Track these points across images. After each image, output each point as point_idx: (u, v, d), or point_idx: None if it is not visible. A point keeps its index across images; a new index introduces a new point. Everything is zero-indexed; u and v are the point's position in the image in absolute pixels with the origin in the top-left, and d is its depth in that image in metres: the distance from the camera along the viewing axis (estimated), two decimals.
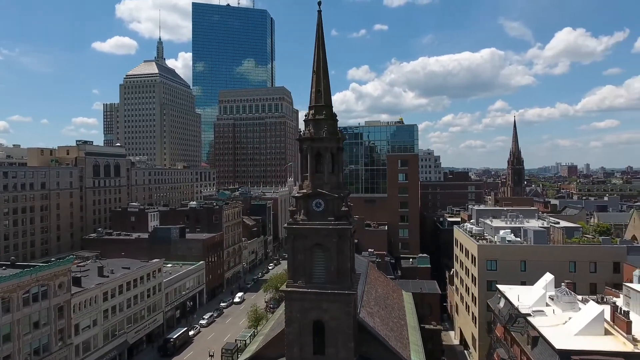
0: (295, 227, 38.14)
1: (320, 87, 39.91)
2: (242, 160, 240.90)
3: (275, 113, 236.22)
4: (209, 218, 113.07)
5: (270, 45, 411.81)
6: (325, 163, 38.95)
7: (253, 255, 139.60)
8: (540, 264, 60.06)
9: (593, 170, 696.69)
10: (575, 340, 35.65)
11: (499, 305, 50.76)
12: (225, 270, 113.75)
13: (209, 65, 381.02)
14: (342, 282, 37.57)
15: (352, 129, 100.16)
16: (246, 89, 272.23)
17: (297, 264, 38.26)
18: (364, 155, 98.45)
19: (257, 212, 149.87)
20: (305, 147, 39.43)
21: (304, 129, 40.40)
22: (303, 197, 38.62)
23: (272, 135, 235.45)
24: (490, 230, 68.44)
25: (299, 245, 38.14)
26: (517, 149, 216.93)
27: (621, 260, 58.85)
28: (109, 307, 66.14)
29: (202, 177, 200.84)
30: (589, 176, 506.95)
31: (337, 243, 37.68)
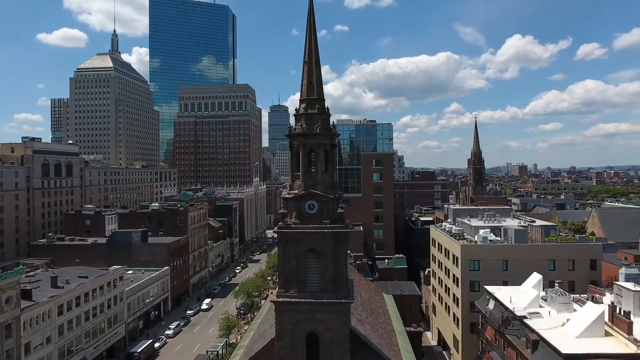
0: (286, 231, 34.79)
1: (313, 78, 36.82)
2: (204, 159, 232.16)
3: (239, 111, 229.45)
4: (173, 220, 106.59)
5: (232, 43, 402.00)
6: (318, 161, 35.93)
7: (219, 258, 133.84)
8: (521, 263, 60.09)
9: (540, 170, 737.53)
10: (578, 344, 34.75)
11: (488, 307, 49.77)
12: (191, 275, 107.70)
13: (166, 62, 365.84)
14: (339, 290, 34.65)
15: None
16: (208, 86, 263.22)
17: (289, 272, 34.94)
18: (338, 154, 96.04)
19: (223, 214, 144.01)
20: (297, 143, 36.20)
21: (295, 124, 37.14)
22: (295, 198, 35.35)
23: (236, 134, 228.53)
24: (470, 229, 68.01)
25: (291, 251, 34.83)
26: (478, 149, 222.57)
27: (597, 257, 59.99)
28: (65, 322, 59.56)
29: (162, 177, 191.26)
30: (539, 175, 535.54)
31: (333, 248, 34.74)
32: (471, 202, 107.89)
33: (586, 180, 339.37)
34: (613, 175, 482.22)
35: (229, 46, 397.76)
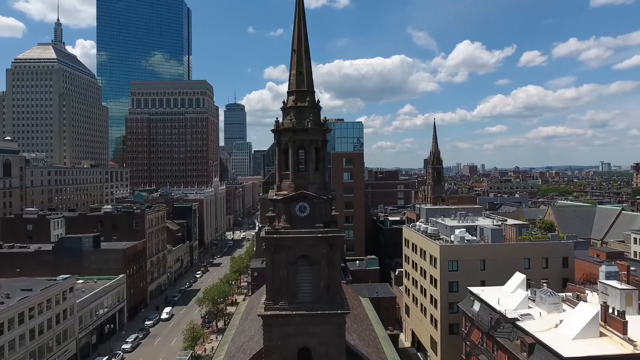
0: (275, 236, 31.34)
1: (302, 68, 33.58)
2: (158, 158, 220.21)
3: (197, 108, 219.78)
4: (128, 224, 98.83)
5: (187, 38, 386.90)
6: (309, 159, 32.79)
7: (178, 263, 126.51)
8: (498, 263, 60.11)
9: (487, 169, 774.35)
10: (576, 346, 34.01)
11: (472, 308, 48.78)
12: (148, 282, 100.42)
13: (115, 55, 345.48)
14: (333, 300, 31.71)
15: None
16: (163, 81, 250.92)
17: (278, 282, 31.52)
18: None
19: (181, 215, 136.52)
20: (285, 139, 32.84)
21: (282, 119, 33.74)
22: (284, 200, 31.97)
23: (193, 132, 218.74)
24: (446, 229, 67.40)
25: (281, 259, 31.45)
26: (437, 149, 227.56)
27: (569, 255, 61.16)
28: (6, 343, 52.28)
29: (113, 177, 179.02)
30: (488, 175, 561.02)
31: (328, 254, 31.74)
32: (442, 202, 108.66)
33: (532, 179, 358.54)
34: (554, 174, 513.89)
35: (184, 41, 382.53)
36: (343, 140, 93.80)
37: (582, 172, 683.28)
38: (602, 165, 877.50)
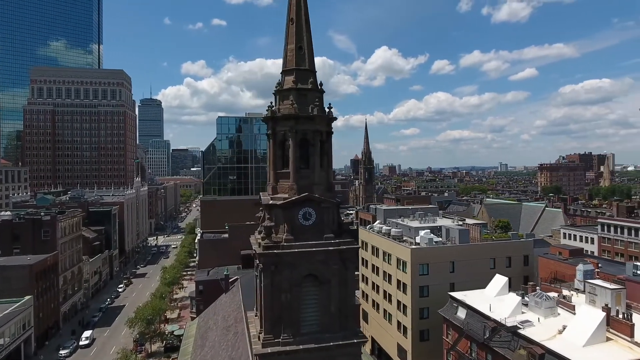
0: (277, 252, 24.70)
1: (303, 42, 27.29)
2: (66, 156, 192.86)
3: (112, 101, 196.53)
4: (34, 233, 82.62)
5: (97, 25, 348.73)
6: (314, 154, 26.62)
7: (96, 276, 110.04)
8: (465, 264, 58.79)
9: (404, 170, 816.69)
10: (589, 354, 32.11)
11: (457, 315, 45.97)
12: (61, 302, 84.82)
13: (6, 41, 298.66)
14: (346, 327, 25.97)
15: (231, 120, 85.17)
16: (73, 68, 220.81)
17: (278, 309, 24.90)
18: (255, 151, 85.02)
19: (99, 221, 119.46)
20: (284, 130, 26.34)
21: (278, 104, 27.10)
22: (285, 205, 25.47)
23: (108, 126, 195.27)
24: (409, 231, 64.74)
25: (283, 280, 24.89)
26: (368, 149, 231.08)
27: (529, 253, 61.86)
28: None
29: (8, 177, 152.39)
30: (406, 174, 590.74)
31: (340, 271, 25.87)
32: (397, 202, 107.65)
33: (449, 179, 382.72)
34: (465, 174, 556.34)
35: (93, 29, 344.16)
36: None
37: (484, 172, 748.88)
38: (501, 165, 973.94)
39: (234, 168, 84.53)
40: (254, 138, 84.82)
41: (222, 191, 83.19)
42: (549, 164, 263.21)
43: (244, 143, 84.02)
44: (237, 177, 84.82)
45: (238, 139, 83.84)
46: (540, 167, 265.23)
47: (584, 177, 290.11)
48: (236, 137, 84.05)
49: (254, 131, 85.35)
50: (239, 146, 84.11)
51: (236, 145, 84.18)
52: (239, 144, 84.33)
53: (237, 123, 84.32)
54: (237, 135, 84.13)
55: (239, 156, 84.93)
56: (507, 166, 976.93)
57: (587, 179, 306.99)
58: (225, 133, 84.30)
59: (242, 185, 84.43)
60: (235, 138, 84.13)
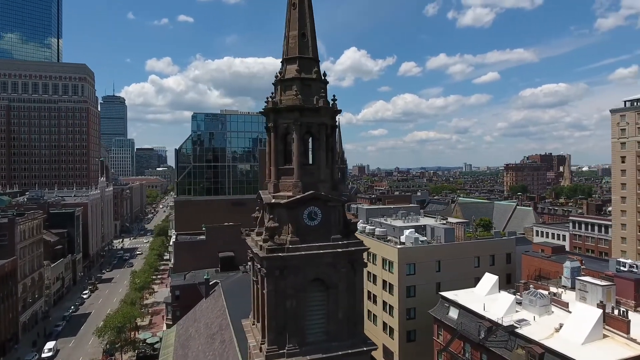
0: (283, 256, 22.68)
1: (306, 28, 25.39)
2: (22, 154, 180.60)
3: (74, 96, 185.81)
4: None
5: (57, 18, 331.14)
6: (320, 149, 24.79)
7: (59, 282, 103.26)
8: (451, 263, 58.57)
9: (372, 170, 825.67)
10: (589, 352, 31.99)
11: (449, 315, 45.31)
12: (20, 312, 78.64)
13: None
14: (355, 335, 24.30)
15: (214, 117, 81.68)
16: (30, 62, 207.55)
17: (283, 317, 22.88)
18: (231, 149, 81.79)
19: (61, 224, 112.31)
20: (287, 123, 24.36)
21: (279, 95, 25.05)
22: (290, 204, 23.49)
23: (70, 123, 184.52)
24: (394, 230, 63.96)
25: (289, 286, 22.90)
26: (341, 149, 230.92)
27: (511, 251, 62.41)
28: None
29: None
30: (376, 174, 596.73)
31: (348, 274, 24.17)
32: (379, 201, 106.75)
33: (418, 178, 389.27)
34: (432, 174, 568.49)
35: (52, 22, 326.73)
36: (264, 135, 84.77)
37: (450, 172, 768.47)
38: (465, 166, 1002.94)
39: (209, 167, 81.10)
40: (231, 136, 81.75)
41: (197, 191, 79.61)
42: (514, 164, 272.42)
43: (220, 141, 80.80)
44: (212, 176, 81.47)
45: (214, 137, 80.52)
46: (506, 167, 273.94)
47: (546, 177, 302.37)
48: (211, 135, 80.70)
49: (230, 128, 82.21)
50: (214, 144, 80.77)
51: (212, 143, 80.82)
52: (214, 141, 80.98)
53: (213, 120, 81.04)
54: (212, 133, 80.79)
55: (215, 154, 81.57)
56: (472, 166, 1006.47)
57: (548, 178, 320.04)
58: (201, 130, 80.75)
59: (218, 185, 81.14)
60: (211, 135, 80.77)
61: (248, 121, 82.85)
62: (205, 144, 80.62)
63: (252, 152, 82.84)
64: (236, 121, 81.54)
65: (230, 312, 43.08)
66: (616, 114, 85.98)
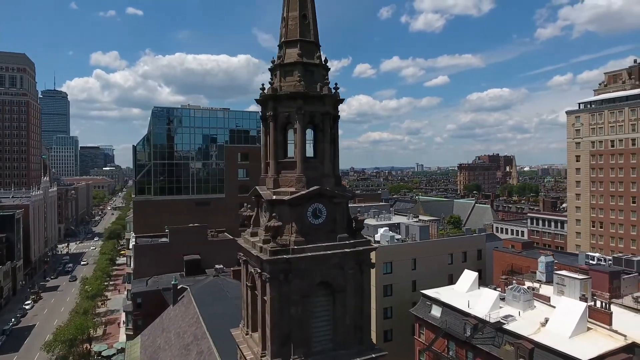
0: (288, 258, 20.49)
1: (307, 9, 23.34)
2: None
3: (12, 88, 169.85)
4: None
5: None
6: (324, 141, 22.83)
7: None
8: (426, 261, 58.58)
9: None
10: (577, 345, 32.41)
11: (431, 314, 44.84)
12: None
13: None
14: (362, 341, 22.61)
15: (170, 111, 76.66)
16: None
17: (287, 326, 20.71)
18: (195, 146, 77.12)
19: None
20: (288, 112, 22.21)
21: (278, 81, 22.77)
22: (293, 201, 21.35)
23: (7, 118, 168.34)
24: (367, 229, 63.09)
25: (293, 291, 20.73)
26: None
27: (482, 247, 63.53)
28: None
29: None
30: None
31: (355, 277, 22.39)
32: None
33: (375, 178, 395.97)
34: (387, 174, 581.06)
35: None
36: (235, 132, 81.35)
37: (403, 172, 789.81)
38: (417, 166, 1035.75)
39: (171, 165, 76.26)
40: (195, 132, 77.31)
41: (157, 190, 74.55)
42: (467, 164, 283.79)
43: (183, 137, 76.22)
44: (174, 175, 76.69)
45: (175, 133, 75.77)
46: (460, 166, 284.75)
47: (495, 176, 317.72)
48: (173, 131, 75.87)
49: (194, 124, 77.69)
50: (177, 140, 76.04)
51: (174, 139, 76.05)
52: (177, 138, 76.22)
53: (176, 116, 76.25)
54: (174, 129, 75.97)
55: (176, 152, 76.75)
56: (423, 166, 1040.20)
57: (497, 177, 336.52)
58: (161, 126, 75.67)
59: (181, 184, 76.48)
60: (173, 131, 75.95)
61: (213, 117, 78.73)
62: (166, 141, 75.72)
63: (217, 149, 78.89)
64: (200, 116, 77.19)
65: (205, 320, 39.96)
66: (571, 116, 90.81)
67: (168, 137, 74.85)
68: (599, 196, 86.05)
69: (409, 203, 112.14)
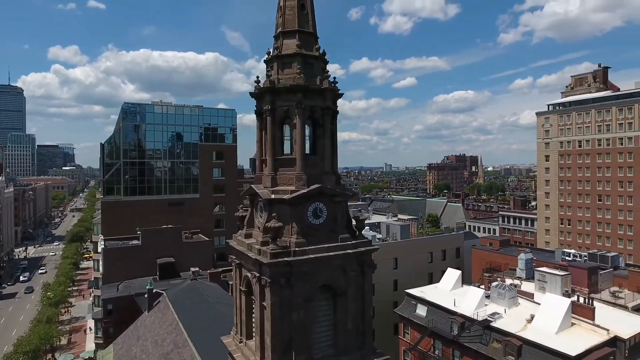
0: (290, 260, 19.32)
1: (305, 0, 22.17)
2: None
3: None
4: None
5: None
6: (325, 136, 21.79)
7: None
8: (407, 259, 58.63)
9: None
10: (564, 341, 32.96)
11: (417, 313, 44.68)
12: None
13: None
14: (363, 346, 21.79)
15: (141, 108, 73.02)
16: None
17: (290, 332, 19.56)
18: (166, 144, 73.82)
19: None
20: (287, 106, 21.03)
21: (275, 73, 21.51)
22: (294, 200, 20.19)
23: None
24: None
25: (295, 296, 19.58)
26: None
27: (460, 245, 64.31)
28: None
29: None
30: None
31: (357, 279, 21.50)
32: None
33: (345, 177, 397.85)
34: (357, 174, 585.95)
35: None
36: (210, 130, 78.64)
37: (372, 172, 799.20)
38: (386, 166, 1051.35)
39: (142, 164, 72.80)
40: (168, 129, 74.11)
41: (128, 190, 70.98)
42: (436, 164, 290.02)
43: (155, 134, 72.89)
44: (146, 174, 73.31)
45: (146, 130, 72.37)
46: (429, 166, 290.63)
47: (462, 176, 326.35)
48: (144, 128, 72.41)
49: (168, 121, 74.46)
50: (148, 138, 72.67)
51: (145, 137, 72.63)
52: (148, 135, 72.81)
53: (147, 112, 72.75)
54: (144, 126, 72.52)
55: (147, 150, 73.31)
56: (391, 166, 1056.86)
57: (464, 177, 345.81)
58: (132, 122, 72.04)
59: (153, 184, 73.13)
60: (144, 128, 72.50)
61: (187, 114, 75.64)
62: (137, 138, 72.18)
63: (191, 147, 75.98)
64: (173, 113, 73.98)
65: (186, 326, 38.01)
66: (541, 117, 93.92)
67: (139, 135, 71.38)
68: (567, 194, 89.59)
69: (385, 202, 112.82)
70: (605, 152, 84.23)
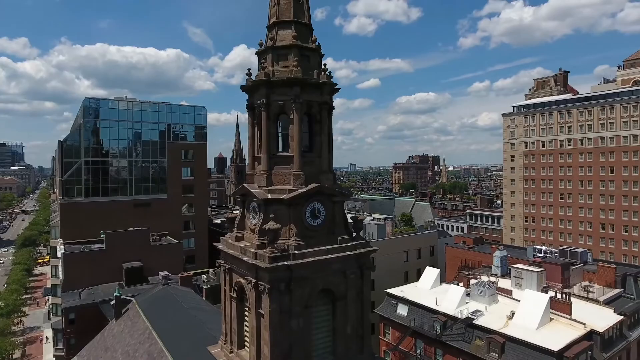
0: (290, 264, 18.18)
1: None
2: None
3: None
4: None
5: None
6: (323, 133, 20.80)
7: None
8: (383, 259, 58.33)
9: None
10: (544, 336, 33.72)
11: (398, 313, 44.50)
12: None
13: None
14: (363, 350, 20.95)
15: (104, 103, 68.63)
16: None
17: (286, 340, 18.42)
18: (131, 142, 69.76)
19: None
20: (282, 100, 19.85)
21: (270, 66, 20.23)
22: (292, 200, 19.08)
23: None
24: None
25: (294, 302, 18.46)
26: (240, 147, 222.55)
27: (435, 244, 65.06)
28: None
29: None
30: None
31: (356, 282, 20.66)
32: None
33: None
34: None
35: None
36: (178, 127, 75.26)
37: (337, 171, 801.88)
38: (350, 166, 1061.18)
39: (105, 162, 68.67)
40: (134, 126, 70.23)
41: (90, 191, 66.71)
42: (401, 163, 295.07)
43: (120, 132, 68.86)
44: (110, 173, 69.22)
45: (109, 127, 68.25)
46: (394, 166, 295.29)
47: (426, 175, 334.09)
48: (108, 124, 68.24)
49: (133, 118, 70.50)
50: (111, 135, 68.57)
51: (108, 134, 68.49)
52: (110, 132, 68.69)
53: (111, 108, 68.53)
54: (108, 122, 68.31)
55: (110, 148, 69.09)
56: (356, 166, 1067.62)
57: (427, 176, 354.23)
58: (94, 119, 67.70)
59: (117, 184, 69.09)
60: (107, 125, 68.34)
61: (154, 110, 71.97)
62: (99, 136, 67.97)
63: (158, 145, 72.47)
64: (139, 110, 70.12)
65: (160, 335, 35.69)
66: (507, 118, 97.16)
67: (101, 132, 67.25)
68: (532, 193, 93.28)
69: (357, 202, 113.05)
70: (567, 152, 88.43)
